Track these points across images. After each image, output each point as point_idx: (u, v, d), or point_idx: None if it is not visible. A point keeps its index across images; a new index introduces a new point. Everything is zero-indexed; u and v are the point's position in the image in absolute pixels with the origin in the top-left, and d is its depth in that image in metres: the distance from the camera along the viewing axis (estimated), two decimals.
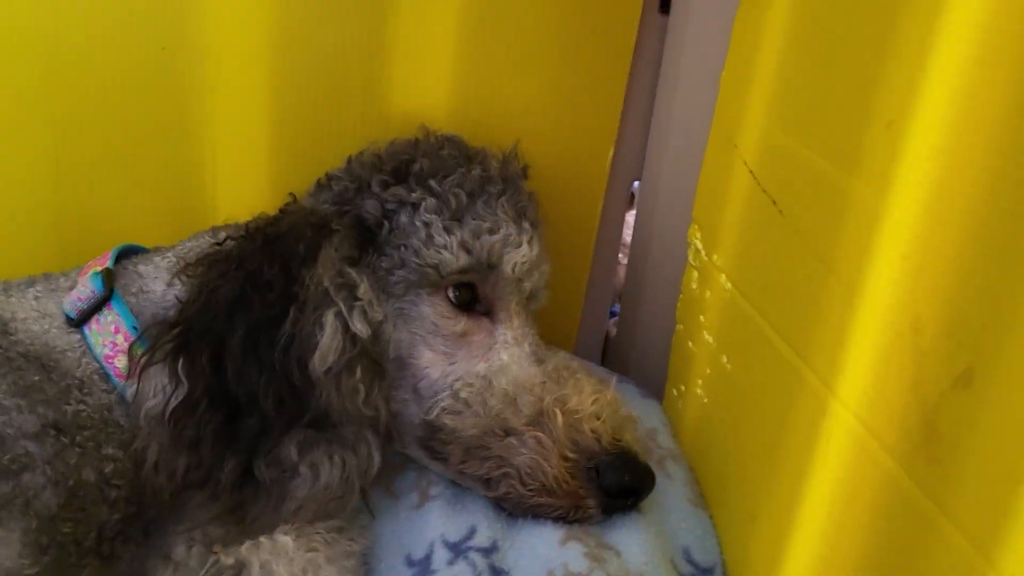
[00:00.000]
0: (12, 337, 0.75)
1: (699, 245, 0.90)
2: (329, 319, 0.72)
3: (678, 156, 0.98)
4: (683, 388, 0.92)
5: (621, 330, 1.15)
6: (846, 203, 0.60)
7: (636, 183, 1.08)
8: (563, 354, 0.82)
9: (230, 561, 0.75)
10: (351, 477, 0.73)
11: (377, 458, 0.74)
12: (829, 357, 0.61)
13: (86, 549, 0.70)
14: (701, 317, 0.88)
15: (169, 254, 0.83)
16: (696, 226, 0.91)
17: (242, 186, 0.96)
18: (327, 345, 0.71)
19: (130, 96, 0.93)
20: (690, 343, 0.91)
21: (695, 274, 0.91)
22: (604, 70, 0.97)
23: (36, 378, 0.72)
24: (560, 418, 0.74)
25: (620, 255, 1.17)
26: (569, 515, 0.73)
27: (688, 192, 0.93)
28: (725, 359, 0.82)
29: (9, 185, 0.95)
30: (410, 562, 0.74)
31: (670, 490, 0.82)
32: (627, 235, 1.16)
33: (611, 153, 1.02)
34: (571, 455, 0.73)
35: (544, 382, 0.76)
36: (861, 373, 0.57)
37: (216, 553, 0.75)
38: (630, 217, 1.15)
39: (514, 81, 0.95)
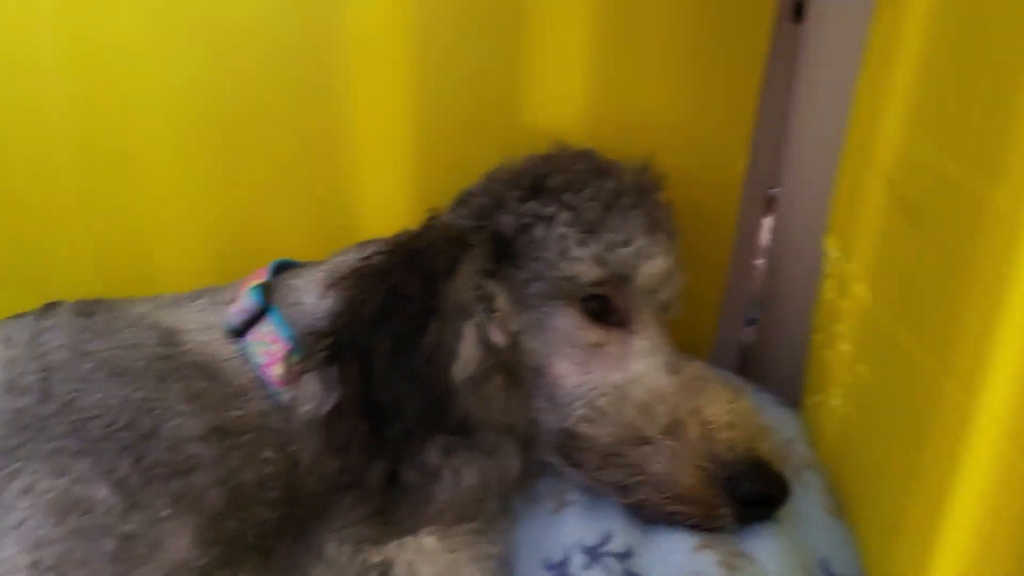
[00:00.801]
0: (181, 347, 0.81)
1: (836, 254, 0.89)
2: (468, 330, 0.75)
3: (814, 164, 0.97)
4: (820, 398, 0.91)
5: (758, 339, 1.14)
6: (986, 211, 0.59)
7: (774, 189, 1.08)
8: (698, 364, 0.83)
9: (377, 560, 0.79)
10: (490, 482, 0.76)
11: (516, 464, 0.77)
12: (970, 366, 0.60)
13: (248, 545, 0.75)
14: (838, 326, 0.87)
15: (321, 268, 0.88)
16: (832, 235, 0.90)
17: (386, 202, 1.01)
18: (467, 355, 0.75)
19: (283, 121, 0.99)
20: (827, 352, 0.90)
21: (832, 283, 0.89)
22: (736, 80, 0.97)
23: (203, 385, 0.78)
24: (694, 428, 0.75)
25: (758, 261, 1.16)
26: (703, 523, 0.74)
27: (825, 200, 0.92)
28: (863, 368, 0.81)
29: (174, 205, 1.03)
30: (548, 566, 0.76)
31: (807, 500, 0.82)
32: (767, 239, 1.15)
33: (745, 161, 1.02)
34: (705, 464, 0.74)
35: (679, 392, 0.77)
36: (1004, 382, 0.56)
37: (364, 552, 0.80)
38: (769, 222, 1.15)
39: (646, 93, 0.96)
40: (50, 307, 0.85)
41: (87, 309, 0.84)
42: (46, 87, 0.98)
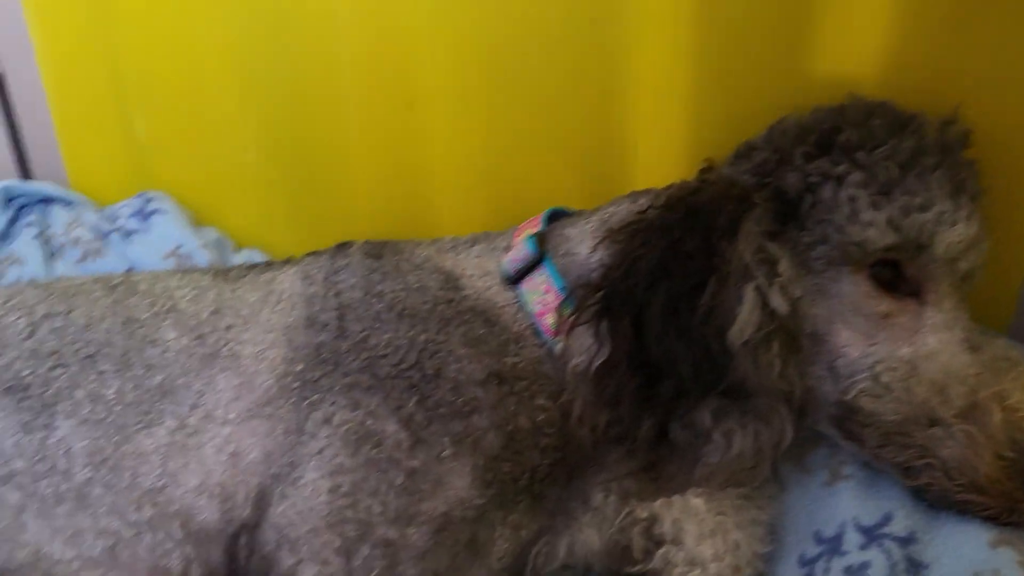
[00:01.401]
0: (462, 292, 0.84)
1: None
2: (748, 293, 0.73)
3: None
4: None
5: None
6: None
7: None
8: (1002, 341, 0.76)
9: (643, 515, 0.80)
10: (763, 448, 0.74)
11: (789, 432, 0.74)
12: None
13: (520, 488, 0.78)
14: None
15: (593, 218, 0.88)
16: None
17: (660, 153, 0.99)
18: (745, 319, 0.72)
19: (560, 69, 0.99)
20: None
21: None
22: None
23: (482, 331, 0.81)
24: (997, 413, 0.69)
25: None
26: (1002, 517, 0.68)
27: None
28: None
29: (454, 150, 1.06)
30: (819, 539, 0.74)
31: None
32: None
33: None
34: (1008, 454, 0.68)
35: (979, 373, 0.71)
36: None
37: (631, 505, 0.81)
38: None
39: (956, 37, 0.87)
40: (343, 247, 0.91)
41: (376, 250, 0.89)
42: (338, 38, 1.04)
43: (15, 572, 0.73)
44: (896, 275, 0.75)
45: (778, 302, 0.74)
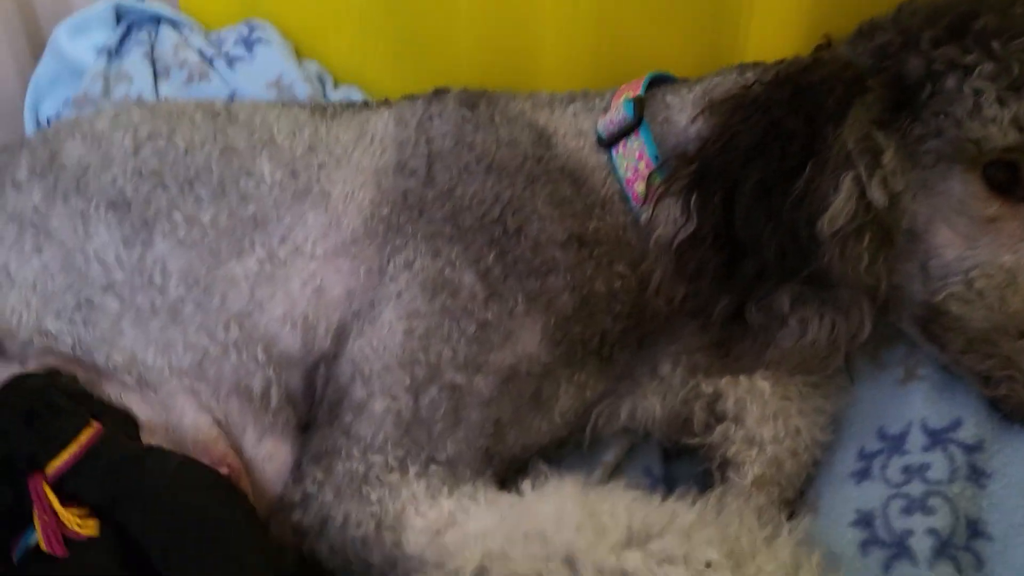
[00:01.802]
0: (553, 151, 0.83)
1: None
2: (846, 182, 0.70)
3: None
4: None
5: None
6: None
7: None
8: None
9: (709, 390, 0.81)
10: (838, 339, 0.73)
11: (868, 326, 0.73)
12: None
13: (589, 350, 0.80)
14: None
15: (696, 88, 0.85)
16: None
17: (775, 24, 0.94)
18: (839, 208, 0.70)
19: None
20: None
21: None
22: None
23: (568, 192, 0.81)
24: None
25: None
26: None
27: None
28: None
29: (558, 5, 1.02)
30: (882, 435, 0.73)
31: None
32: None
33: None
34: None
35: None
36: None
37: (697, 379, 0.82)
38: None
39: None
40: (439, 93, 0.90)
41: (471, 100, 0.88)
42: None
43: (112, 373, 0.78)
44: (1012, 178, 0.71)
45: (877, 194, 0.71)
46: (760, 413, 0.78)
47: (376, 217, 0.80)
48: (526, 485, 0.70)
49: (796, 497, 0.77)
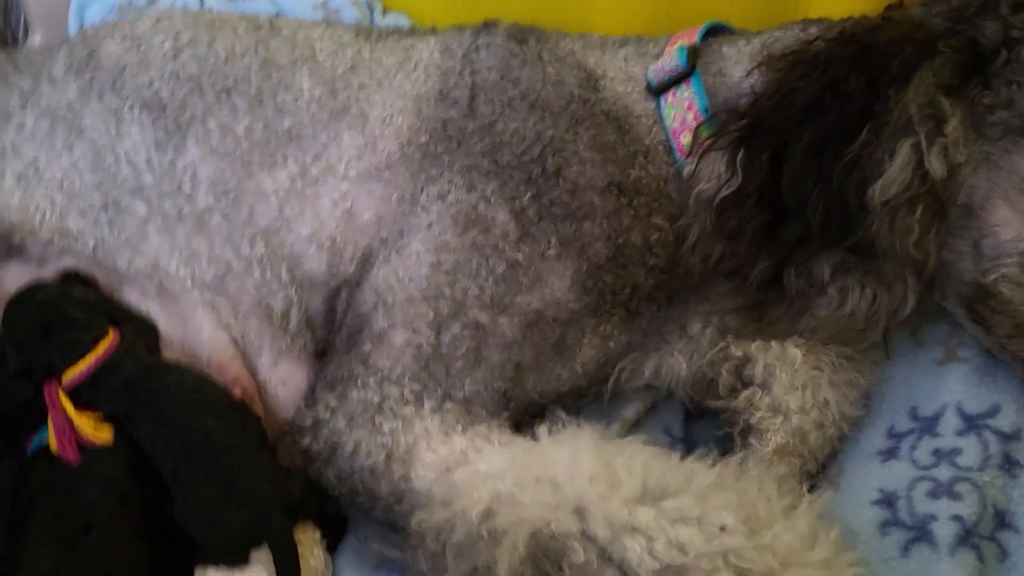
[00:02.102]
0: (599, 94, 0.80)
1: None
2: (904, 149, 0.67)
3: None
4: None
5: None
6: None
7: None
8: None
9: (738, 353, 0.79)
10: (878, 313, 0.70)
11: (911, 302, 0.70)
12: None
13: (618, 301, 0.78)
14: None
15: (755, 40, 0.81)
16: None
17: None
18: (893, 176, 0.67)
19: None
20: None
21: None
22: None
23: (611, 138, 0.78)
24: None
25: None
26: None
27: None
28: None
29: None
30: (915, 415, 0.71)
31: None
32: None
33: None
34: None
35: None
36: None
37: (727, 341, 0.79)
38: None
39: None
40: (489, 25, 0.87)
41: (521, 35, 0.85)
42: None
43: (133, 279, 0.77)
44: None
45: (936, 164, 0.68)
46: (789, 381, 0.76)
47: (413, 144, 0.78)
48: (542, 430, 0.69)
49: (818, 471, 0.75)
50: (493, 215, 0.74)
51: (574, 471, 0.63)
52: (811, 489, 0.69)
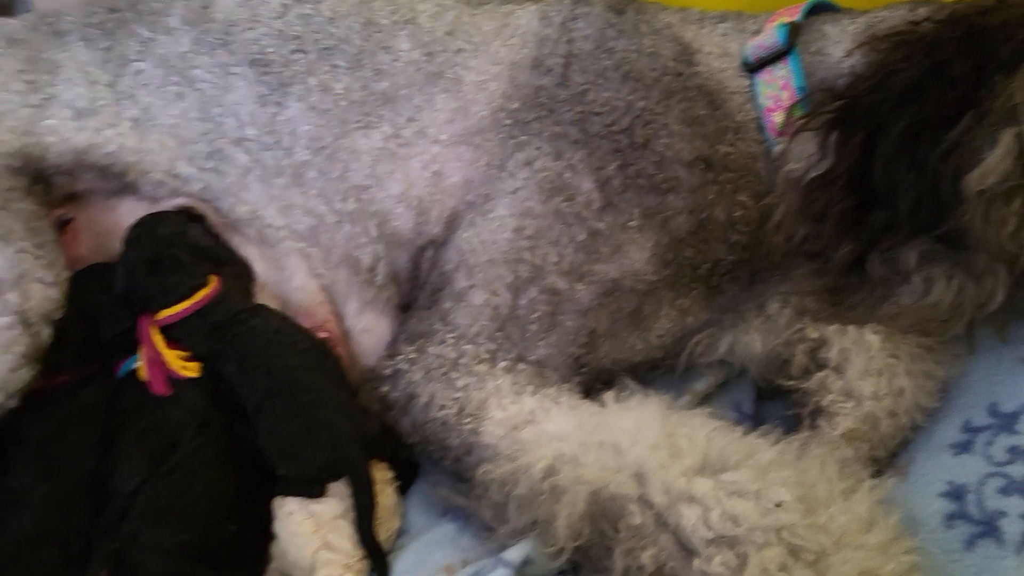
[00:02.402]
0: (694, 68, 0.80)
1: None
2: (1006, 138, 0.65)
3: None
4: None
5: None
6: None
7: None
8: None
9: (814, 335, 0.78)
10: (963, 305, 0.68)
11: (1000, 296, 0.68)
12: None
13: (698, 276, 0.78)
14: None
15: (860, 20, 0.80)
16: None
17: None
18: (991, 165, 0.65)
19: None
20: None
21: None
22: None
23: (702, 112, 0.78)
24: None
25: None
26: None
27: None
28: None
29: None
30: (993, 412, 0.70)
31: None
32: None
33: None
34: None
35: None
36: None
37: (803, 323, 0.79)
38: None
39: None
40: None
41: (619, 5, 0.85)
42: None
43: (235, 223, 0.82)
44: None
45: None
46: (864, 367, 0.75)
47: (505, 110, 0.79)
48: (609, 396, 0.71)
49: (887, 458, 0.74)
50: (578, 184, 0.75)
51: (637, 438, 0.65)
52: (875, 475, 0.68)
